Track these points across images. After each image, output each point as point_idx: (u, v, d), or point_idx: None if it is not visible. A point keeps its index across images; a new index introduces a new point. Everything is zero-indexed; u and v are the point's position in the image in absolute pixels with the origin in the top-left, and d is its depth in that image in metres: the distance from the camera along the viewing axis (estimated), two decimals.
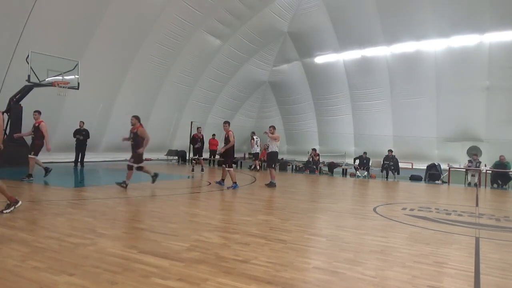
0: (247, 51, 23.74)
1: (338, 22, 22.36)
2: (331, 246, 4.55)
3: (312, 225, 6.05)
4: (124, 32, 16.42)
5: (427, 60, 21.50)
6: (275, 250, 4.21)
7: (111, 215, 5.88)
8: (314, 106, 26.75)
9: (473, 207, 8.48)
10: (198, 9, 18.41)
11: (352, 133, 25.23)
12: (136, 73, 18.25)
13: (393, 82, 22.94)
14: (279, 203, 8.01)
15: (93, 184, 10.52)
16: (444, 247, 4.67)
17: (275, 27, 23.23)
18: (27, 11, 13.07)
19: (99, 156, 17.84)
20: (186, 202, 7.65)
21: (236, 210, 6.82)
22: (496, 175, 14.27)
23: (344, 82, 24.64)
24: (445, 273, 3.67)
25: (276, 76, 27.12)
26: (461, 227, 6.09)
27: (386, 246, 4.64)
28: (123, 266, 3.46)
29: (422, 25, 20.54)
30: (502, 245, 4.98)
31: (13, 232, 4.44)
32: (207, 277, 3.26)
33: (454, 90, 21.20)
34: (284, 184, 12.48)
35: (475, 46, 20.01)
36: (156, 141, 19.99)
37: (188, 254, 3.92)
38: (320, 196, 9.92)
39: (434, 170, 15.50)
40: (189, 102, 22.39)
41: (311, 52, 24.87)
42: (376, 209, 7.56)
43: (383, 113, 23.67)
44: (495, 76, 20.09)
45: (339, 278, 3.40)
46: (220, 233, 4.94)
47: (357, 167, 16.94)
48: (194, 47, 20.24)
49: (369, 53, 23.01)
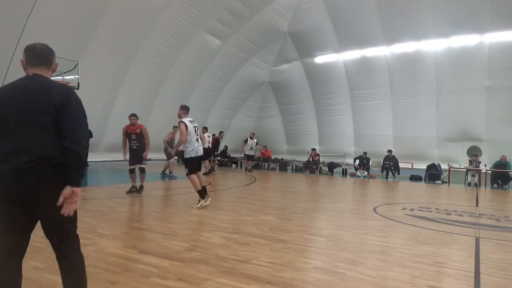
0: (247, 51, 23.73)
1: (338, 22, 22.35)
2: (331, 246, 4.55)
3: (312, 225, 6.05)
4: (124, 32, 16.41)
5: (427, 60, 21.49)
6: (275, 250, 4.21)
7: (111, 215, 5.88)
8: (314, 106, 26.73)
9: (473, 207, 8.48)
10: (198, 9, 18.40)
11: (352, 133, 25.22)
12: (136, 73, 18.24)
13: (393, 82, 22.93)
14: (279, 203, 8.01)
15: (93, 184, 10.52)
16: (444, 247, 4.67)
17: (275, 27, 23.21)
18: (27, 11, 13.07)
19: (99, 156, 17.84)
20: (186, 202, 7.65)
21: (236, 210, 6.82)
22: (496, 175, 14.27)
23: (344, 82, 24.63)
24: (445, 273, 3.67)
25: (276, 76, 27.11)
26: (461, 227, 6.08)
27: (386, 246, 4.64)
28: (123, 266, 3.46)
29: (422, 25, 20.53)
30: (502, 245, 4.98)
31: None
32: (207, 277, 3.26)
33: (454, 90, 21.19)
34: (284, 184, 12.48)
35: (475, 46, 20.00)
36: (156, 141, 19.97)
37: (188, 254, 3.92)
38: (320, 196, 9.92)
39: (434, 170, 15.50)
40: (189, 102, 22.33)
41: (311, 52, 24.86)
42: (376, 209, 7.56)
43: (383, 113, 23.65)
44: (495, 76, 20.09)
45: (339, 278, 3.40)
46: (220, 233, 4.94)
47: (357, 167, 16.93)
48: (194, 47, 20.23)
49: (369, 53, 23.00)
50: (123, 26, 16.20)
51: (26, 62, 2.29)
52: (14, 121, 2.13)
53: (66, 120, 2.14)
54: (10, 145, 2.11)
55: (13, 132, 2.13)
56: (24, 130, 2.12)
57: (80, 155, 2.16)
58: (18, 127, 2.13)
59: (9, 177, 2.09)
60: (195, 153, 7.17)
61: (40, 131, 2.12)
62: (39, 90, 2.19)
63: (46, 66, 2.31)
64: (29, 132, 2.12)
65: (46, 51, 2.33)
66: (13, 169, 2.07)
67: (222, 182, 12.20)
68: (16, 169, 2.07)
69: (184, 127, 7.07)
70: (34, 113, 2.13)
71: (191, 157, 7.15)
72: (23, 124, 2.13)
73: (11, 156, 2.09)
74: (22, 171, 2.07)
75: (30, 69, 2.27)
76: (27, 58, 2.29)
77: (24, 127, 2.12)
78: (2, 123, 2.14)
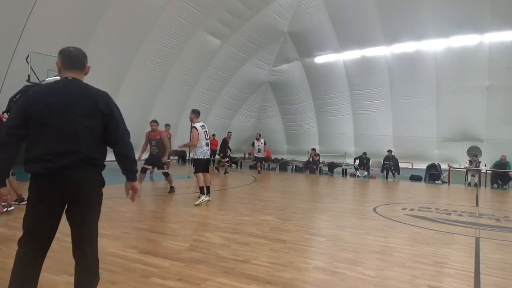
0: (247, 51, 23.73)
1: (338, 22, 22.35)
2: (331, 246, 4.55)
3: (312, 225, 6.05)
4: (124, 32, 16.41)
5: (427, 60, 21.49)
6: (275, 250, 4.21)
7: (111, 215, 5.88)
8: (314, 106, 26.74)
9: (473, 207, 8.48)
10: (198, 9, 18.41)
11: (352, 133, 25.22)
12: (136, 73, 18.24)
13: (393, 82, 22.94)
14: (279, 203, 8.01)
15: None
16: (444, 247, 4.67)
17: (275, 27, 23.21)
18: (27, 12, 13.07)
19: None
20: (186, 202, 7.64)
21: (236, 210, 6.82)
22: (496, 175, 14.27)
23: (344, 82, 24.63)
24: (445, 273, 3.67)
25: (276, 76, 27.12)
26: (461, 227, 6.08)
27: (386, 246, 4.64)
28: (123, 266, 3.46)
29: (422, 25, 20.53)
30: (502, 245, 4.98)
31: (13, 232, 4.44)
32: (207, 277, 3.26)
33: (454, 90, 21.19)
34: (284, 184, 12.48)
35: (475, 46, 20.00)
36: None
37: (188, 254, 3.92)
38: (320, 196, 9.92)
39: (434, 170, 15.50)
40: (189, 102, 22.37)
41: (311, 52, 24.86)
42: (376, 209, 7.56)
43: (383, 113, 23.66)
44: (495, 76, 20.09)
45: (339, 278, 3.40)
46: (220, 233, 4.94)
47: (357, 167, 16.93)
48: (194, 47, 20.23)
49: (369, 53, 23.00)
50: (123, 26, 16.19)
51: (62, 65, 2.38)
52: (57, 122, 2.20)
53: (113, 126, 2.34)
54: (51, 145, 2.17)
55: (55, 132, 2.19)
56: (70, 131, 2.21)
57: (132, 157, 2.44)
58: (62, 128, 2.20)
59: (49, 176, 2.16)
60: (203, 156, 7.70)
61: (86, 133, 2.24)
62: (84, 94, 2.31)
63: (80, 70, 2.43)
64: (75, 134, 2.21)
65: (80, 56, 2.45)
66: (55, 169, 2.15)
67: (222, 182, 12.20)
68: (59, 168, 2.15)
69: (196, 133, 7.58)
70: (82, 116, 2.24)
71: (199, 159, 7.69)
72: (69, 126, 2.21)
73: (51, 155, 2.16)
74: (66, 170, 2.17)
75: (65, 72, 2.36)
76: (62, 61, 2.38)
77: (70, 129, 2.21)
78: (40, 123, 2.19)
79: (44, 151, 2.16)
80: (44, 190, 2.19)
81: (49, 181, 2.17)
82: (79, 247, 2.32)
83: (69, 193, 2.21)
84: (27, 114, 2.17)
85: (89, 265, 2.33)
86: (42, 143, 2.18)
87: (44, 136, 2.18)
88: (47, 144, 2.17)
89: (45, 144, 2.17)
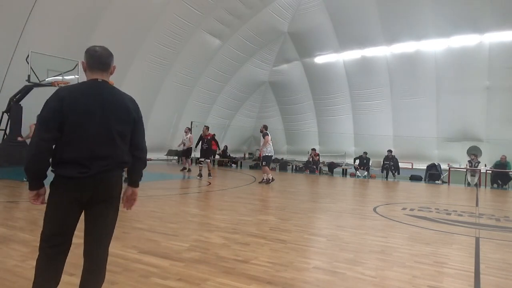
0: (247, 51, 23.73)
1: (338, 22, 22.36)
2: (331, 246, 4.55)
3: (312, 225, 6.05)
4: (124, 32, 16.41)
5: (427, 60, 21.49)
6: (275, 250, 4.21)
7: None
8: (314, 106, 26.75)
9: (473, 207, 8.48)
10: (198, 9, 18.41)
11: (352, 133, 25.23)
12: (136, 73, 18.25)
13: (393, 82, 22.94)
14: (279, 203, 8.01)
15: None
16: (444, 247, 4.67)
17: (275, 27, 23.22)
18: (27, 12, 13.07)
19: None
20: (186, 202, 7.65)
21: (236, 210, 6.82)
22: (496, 175, 14.27)
23: (344, 82, 24.64)
24: (445, 273, 3.66)
25: (276, 76, 27.12)
26: (461, 227, 6.08)
27: (386, 246, 4.63)
28: (123, 266, 3.46)
29: (422, 25, 20.54)
30: (502, 245, 4.98)
31: (13, 232, 4.44)
32: (207, 277, 3.26)
33: (454, 90, 21.20)
34: (284, 184, 12.48)
35: (475, 46, 20.01)
36: (156, 141, 19.99)
37: (188, 254, 3.92)
38: (320, 196, 9.92)
39: (434, 170, 15.50)
40: (189, 102, 22.39)
41: (311, 52, 24.87)
42: (376, 209, 7.56)
43: (383, 113, 23.67)
44: (495, 76, 20.10)
45: (339, 278, 3.40)
46: (220, 233, 4.93)
47: (357, 167, 16.93)
48: (194, 47, 20.23)
49: (369, 53, 23.01)
50: (123, 26, 16.20)
51: (87, 66, 2.32)
52: (94, 126, 2.16)
53: (139, 131, 2.37)
54: (88, 149, 2.14)
55: (91, 137, 2.16)
56: (107, 136, 2.20)
57: (145, 162, 2.47)
58: (100, 132, 2.18)
59: (81, 180, 2.12)
60: (271, 153, 11.73)
61: (119, 139, 2.25)
62: (118, 99, 2.29)
63: (106, 70, 2.36)
64: (111, 139, 2.21)
65: (106, 55, 2.37)
66: (90, 173, 2.13)
67: (222, 182, 12.19)
68: (93, 174, 2.14)
69: (268, 138, 11.57)
70: (118, 123, 2.24)
71: (268, 155, 11.55)
72: (105, 130, 2.19)
73: (88, 159, 2.13)
74: (100, 174, 2.17)
75: (91, 73, 2.30)
76: (88, 61, 2.32)
77: (106, 133, 2.19)
78: (76, 127, 2.12)
79: (80, 155, 2.12)
80: (72, 193, 2.14)
81: (80, 184, 2.13)
82: (96, 247, 2.30)
83: (97, 195, 2.19)
84: (63, 118, 2.09)
85: (100, 266, 2.33)
86: (77, 146, 2.12)
87: (80, 140, 2.13)
88: (83, 148, 2.12)
89: (81, 147, 2.12)
